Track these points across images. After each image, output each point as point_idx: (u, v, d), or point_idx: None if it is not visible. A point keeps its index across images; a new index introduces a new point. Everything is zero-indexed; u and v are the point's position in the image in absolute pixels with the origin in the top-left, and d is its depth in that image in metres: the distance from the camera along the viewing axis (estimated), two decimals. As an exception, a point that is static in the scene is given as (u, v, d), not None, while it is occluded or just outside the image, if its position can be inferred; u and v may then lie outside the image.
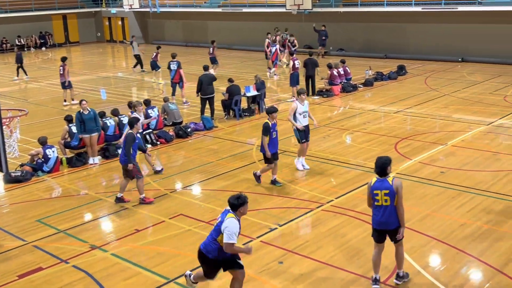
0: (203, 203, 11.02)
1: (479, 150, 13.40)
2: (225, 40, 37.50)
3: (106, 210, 10.87)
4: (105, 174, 13.21)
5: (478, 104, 18.43)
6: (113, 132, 14.91)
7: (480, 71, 24.81)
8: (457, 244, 8.76)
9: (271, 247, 8.94)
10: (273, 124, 11.37)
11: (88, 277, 8.25)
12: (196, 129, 16.37)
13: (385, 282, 7.69)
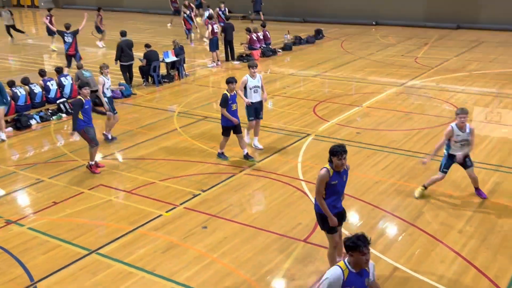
0: (124, 172, 10.92)
1: (392, 110, 13.99)
2: (140, 3, 36.60)
3: (21, 183, 10.54)
4: (17, 146, 12.75)
5: (391, 66, 19.13)
6: (24, 102, 14.37)
7: (392, 34, 25.65)
8: (373, 200, 9.23)
9: (194, 213, 9.03)
10: (233, 96, 10.90)
11: (5, 253, 8.03)
12: (114, 96, 16.02)
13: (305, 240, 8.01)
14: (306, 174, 10.32)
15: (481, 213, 8.69)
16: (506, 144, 11.56)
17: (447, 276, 7.08)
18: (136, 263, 7.64)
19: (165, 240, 8.22)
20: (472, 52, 21.10)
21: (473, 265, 7.30)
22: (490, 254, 7.54)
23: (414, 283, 7.00)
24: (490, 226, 8.28)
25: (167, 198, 9.58)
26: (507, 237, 7.97)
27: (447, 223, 8.44)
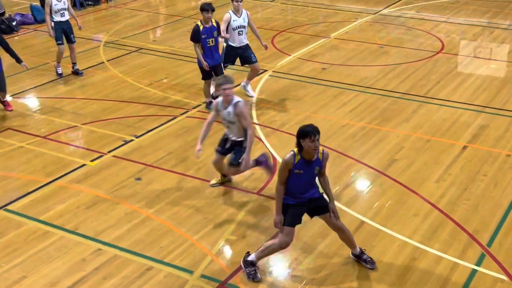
0: (38, 114, 10.73)
1: (364, 42, 14.05)
2: None
3: None
4: None
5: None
6: None
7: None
8: (338, 146, 9.35)
9: (126, 162, 9.02)
10: (208, 28, 10.30)
11: None
12: (24, 22, 15.61)
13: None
14: (261, 117, 10.36)
15: (462, 160, 8.90)
16: (494, 82, 11.81)
17: (420, 232, 7.26)
18: (54, 221, 7.61)
19: (89, 194, 8.20)
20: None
21: (451, 218, 7.50)
22: (470, 206, 7.77)
23: (383, 239, 7.17)
24: (471, 175, 8.51)
25: (92, 145, 9.50)
26: (490, 187, 8.22)
27: (423, 171, 8.63)
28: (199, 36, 10.19)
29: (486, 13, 16.34)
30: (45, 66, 12.76)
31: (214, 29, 10.28)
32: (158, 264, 6.82)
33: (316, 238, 7.12)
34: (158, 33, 15.44)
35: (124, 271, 6.72)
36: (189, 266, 6.79)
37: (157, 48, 13.86)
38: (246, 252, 6.60)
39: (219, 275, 6.64)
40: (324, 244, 7.04)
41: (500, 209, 7.72)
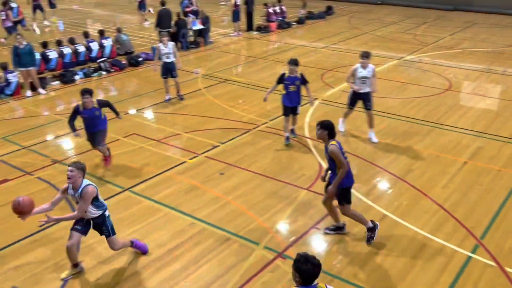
0: (155, 124, 10.98)
1: (390, 80, 13.82)
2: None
3: (66, 129, 10.59)
4: (63, 98, 12.87)
5: (392, 41, 18.79)
6: (70, 59, 14.41)
7: (395, 13, 25.12)
8: (369, 156, 9.26)
9: (213, 161, 9.12)
10: (291, 77, 9.52)
11: (51, 187, 8.24)
12: (147, 58, 16.02)
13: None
14: (311, 133, 10.32)
15: (463, 172, 8.66)
16: (489, 114, 11.42)
17: (429, 225, 7.13)
18: (163, 201, 7.80)
19: (187, 183, 8.35)
20: (465, 32, 20.63)
21: (453, 216, 7.34)
22: (468, 208, 7.57)
23: (400, 229, 7.07)
24: (470, 184, 8.27)
25: (191, 148, 9.68)
26: (485, 194, 7.97)
27: (433, 179, 8.44)
28: (282, 81, 9.55)
29: (485, 62, 15.83)
30: (159, 90, 12.99)
31: (296, 79, 9.48)
32: (234, 236, 6.89)
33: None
34: (239, 69, 15.58)
35: (210, 240, 6.83)
36: (256, 239, 6.85)
37: (238, 80, 14.01)
38: None
39: (277, 247, 6.67)
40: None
41: (491, 211, 7.49)
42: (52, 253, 6.55)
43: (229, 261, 6.39)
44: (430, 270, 6.20)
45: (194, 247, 6.67)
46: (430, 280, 6.04)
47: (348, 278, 6.10)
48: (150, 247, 6.63)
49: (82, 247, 6.25)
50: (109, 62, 15.00)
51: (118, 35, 16.02)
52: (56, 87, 13.52)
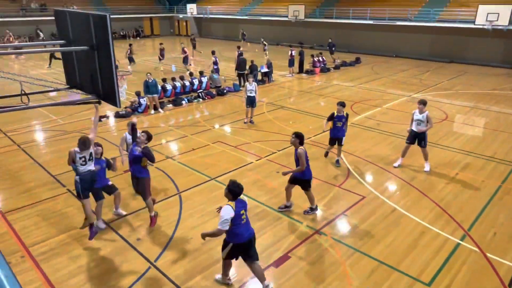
0: (231, 135, 11.12)
1: (401, 111, 13.29)
2: (249, 36, 36.66)
3: (174, 136, 11.01)
4: (174, 116, 13.25)
5: (404, 83, 18.08)
6: (179, 90, 14.96)
7: (406, 63, 24.17)
8: (385, 165, 8.92)
9: (272, 163, 9.10)
10: (339, 116, 8.50)
11: (165, 174, 8.50)
12: (230, 90, 16.32)
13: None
14: (343, 146, 10.08)
15: (455, 180, 8.17)
16: (476, 139, 10.70)
17: (428, 218, 6.78)
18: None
19: (254, 177, 8.37)
20: (459, 78, 19.50)
21: (447, 212, 6.93)
22: (459, 207, 7.12)
23: (406, 219, 6.77)
24: (460, 189, 7.79)
25: (257, 152, 9.72)
26: (472, 197, 7.48)
27: (432, 184, 8.02)
28: (332, 118, 8.60)
29: (473, 100, 14.88)
30: (236, 113, 13.16)
31: (343, 117, 8.45)
32: (284, 216, 6.84)
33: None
34: (292, 99, 15.52)
35: (268, 217, 6.79)
36: (300, 219, 6.76)
37: (291, 107, 13.95)
38: None
39: (315, 226, 6.55)
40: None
41: (477, 210, 7.02)
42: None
43: (280, 233, 6.36)
44: (427, 252, 5.89)
45: (257, 221, 6.68)
46: (427, 259, 5.74)
47: (366, 252, 5.90)
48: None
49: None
50: (204, 93, 15.40)
51: (211, 75, 16.45)
52: (169, 108, 14.02)
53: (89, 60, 4.93)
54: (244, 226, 4.80)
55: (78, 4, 37.05)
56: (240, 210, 4.75)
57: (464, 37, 23.75)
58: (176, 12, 43.52)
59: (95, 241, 6.15)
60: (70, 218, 6.82)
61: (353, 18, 28.44)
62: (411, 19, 25.73)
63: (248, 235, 4.86)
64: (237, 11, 37.83)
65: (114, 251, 5.96)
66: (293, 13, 30.96)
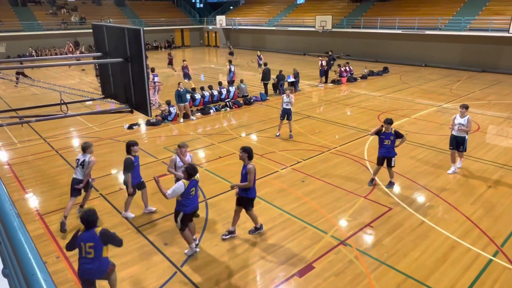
0: (256, 143, 11.12)
1: (430, 122, 12.92)
2: (276, 46, 36.84)
3: (202, 144, 11.13)
4: (202, 124, 13.41)
5: (433, 93, 17.58)
6: (208, 99, 15.22)
7: (436, 73, 23.52)
8: (412, 177, 8.67)
9: (297, 172, 9.04)
10: (387, 133, 7.94)
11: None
12: (256, 100, 16.41)
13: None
14: (369, 157, 9.92)
15: (488, 194, 7.82)
16: (510, 151, 10.22)
17: (458, 232, 6.51)
18: (262, 196, 7.82)
19: (279, 186, 8.34)
20: (492, 88, 18.75)
21: (478, 227, 6.64)
22: (491, 221, 6.81)
23: (435, 232, 6.53)
24: (493, 202, 7.45)
25: (282, 161, 9.69)
26: (505, 212, 7.13)
27: (462, 197, 7.71)
28: (379, 134, 7.98)
29: (507, 111, 14.26)
30: (262, 122, 13.22)
31: (391, 135, 7.87)
32: (309, 226, 6.75)
33: (395, 226, 6.58)
34: (320, 109, 15.42)
35: (293, 227, 6.74)
36: (325, 229, 6.66)
37: (317, 116, 13.84)
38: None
39: (340, 237, 6.43)
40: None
41: (510, 224, 6.68)
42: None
43: (305, 243, 6.29)
44: (457, 267, 5.64)
45: (281, 230, 6.65)
46: (457, 274, 5.50)
47: (392, 265, 5.73)
48: (250, 227, 6.69)
49: (208, 223, 6.45)
50: (232, 102, 15.57)
51: (239, 84, 16.63)
52: (199, 117, 14.25)
53: (123, 72, 5.13)
54: (191, 200, 5.68)
55: (114, 17, 38.67)
56: (190, 188, 5.62)
57: (497, 46, 22.87)
58: (206, 23, 44.50)
59: (125, 244, 6.30)
60: (102, 222, 7.04)
61: (381, 27, 28.07)
62: (441, 28, 25.08)
63: (192, 207, 5.76)
64: (266, 22, 38.20)
65: (142, 255, 6.09)
66: (320, 24, 30.91)
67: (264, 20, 38.54)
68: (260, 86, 18.31)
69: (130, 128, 12.74)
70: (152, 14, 42.31)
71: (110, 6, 41.94)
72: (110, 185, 8.55)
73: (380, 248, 6.11)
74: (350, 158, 9.82)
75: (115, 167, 9.51)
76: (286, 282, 5.45)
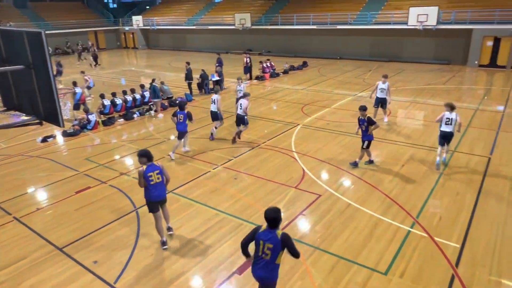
0: (189, 145, 10.85)
1: (348, 110, 13.79)
2: (198, 46, 36.37)
3: (127, 152, 10.60)
4: (126, 129, 12.78)
5: (349, 83, 18.81)
6: (130, 104, 14.45)
7: (349, 64, 25.20)
8: (336, 163, 9.15)
9: (229, 170, 9.04)
10: (361, 119, 8.45)
11: (119, 191, 8.15)
12: (182, 101, 15.97)
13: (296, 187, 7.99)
14: (296, 148, 10.27)
15: (402, 172, 8.57)
16: (417, 131, 11.36)
17: (380, 209, 7.05)
18: (195, 198, 7.70)
19: (212, 186, 8.25)
20: (398, 75, 20.67)
21: (396, 202, 7.25)
22: (407, 196, 7.48)
23: (360, 212, 6.99)
24: (407, 180, 8.18)
25: (213, 161, 9.60)
26: (417, 186, 7.88)
27: (382, 177, 8.37)
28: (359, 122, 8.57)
29: (412, 95, 15.86)
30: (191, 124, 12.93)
31: (364, 121, 8.45)
32: (245, 222, 6.75)
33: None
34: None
35: (229, 225, 6.72)
36: (261, 223, 6.72)
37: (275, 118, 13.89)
38: None
39: (276, 229, 6.54)
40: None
41: (423, 198, 7.43)
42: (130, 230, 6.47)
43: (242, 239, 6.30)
44: (382, 242, 6.11)
45: (218, 230, 6.59)
46: (382, 248, 5.96)
47: (325, 249, 6.01)
48: (187, 231, 6.56)
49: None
50: (156, 104, 14.99)
51: (161, 86, 16.04)
52: (121, 123, 13.50)
53: (26, 80, 4.61)
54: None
55: (15, 19, 34.75)
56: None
57: (400, 38, 25.27)
58: (122, 24, 42.25)
59: (49, 269, 5.73)
60: (19, 248, 6.31)
61: (297, 24, 29.25)
62: (350, 22, 26.94)
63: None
64: (185, 21, 37.46)
65: (69, 278, 5.59)
66: (239, 21, 31.23)
67: (183, 20, 37.78)
68: (185, 86, 17.91)
69: (44, 141, 11.62)
70: (59, 16, 38.92)
71: (9, 8, 37.67)
72: (25, 206, 7.70)
73: (314, 235, 6.37)
74: (279, 151, 10.06)
75: (31, 185, 8.59)
76: (227, 281, 5.42)
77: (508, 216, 6.74)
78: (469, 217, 6.71)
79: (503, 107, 13.77)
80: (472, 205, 7.10)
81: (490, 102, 14.44)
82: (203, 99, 16.71)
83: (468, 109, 13.36)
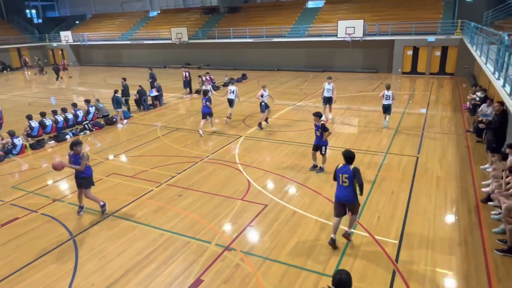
0: (128, 165, 10.45)
1: (288, 119, 14.18)
2: (134, 61, 35.27)
3: (59, 176, 9.87)
4: (58, 152, 11.92)
5: (287, 94, 19.38)
6: (62, 124, 13.48)
7: (287, 75, 26.05)
8: (280, 172, 9.32)
9: (173, 187, 8.80)
10: (316, 125, 8.87)
11: (53, 220, 7.52)
12: (122, 118, 15.30)
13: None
14: (240, 159, 10.30)
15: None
16: (353, 136, 12.01)
17: (324, 213, 7.27)
18: (138, 219, 7.37)
19: (156, 205, 7.96)
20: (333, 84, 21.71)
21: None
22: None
23: (306, 219, 7.14)
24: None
25: (156, 179, 9.29)
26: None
27: (324, 182, 8.66)
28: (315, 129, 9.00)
29: (346, 103, 16.76)
30: (129, 140, 12.39)
31: (318, 127, 8.90)
32: (193, 239, 6.60)
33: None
34: (189, 120, 15.32)
35: (175, 244, 6.51)
36: (209, 239, 6.59)
37: (186, 127, 13.73)
38: None
39: (224, 243, 6.45)
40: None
41: (361, 199, 7.69)
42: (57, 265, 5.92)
43: (190, 257, 6.12)
44: (328, 245, 6.29)
45: (164, 251, 6.33)
46: (329, 252, 6.11)
47: (275, 258, 6.04)
48: (131, 255, 6.21)
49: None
50: (91, 124, 14.19)
51: (96, 104, 15.26)
52: (52, 145, 12.54)
53: None
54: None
55: None
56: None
57: (332, 49, 26.75)
58: (49, 40, 39.64)
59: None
60: None
61: (234, 37, 29.69)
62: (285, 35, 27.98)
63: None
64: (119, 36, 36.20)
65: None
66: (176, 36, 30.92)
67: (117, 35, 36.49)
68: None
69: (-40, 170, 10.37)
70: (-26, 33, 35.49)
71: None
72: None
73: (262, 245, 6.38)
74: (224, 164, 10.01)
75: None
76: (176, 303, 5.19)
77: (436, 209, 7.34)
78: (404, 214, 7.19)
79: (425, 109, 15.11)
80: (406, 202, 7.62)
81: (414, 106, 15.76)
82: (142, 116, 16.16)
83: (397, 113, 14.44)
